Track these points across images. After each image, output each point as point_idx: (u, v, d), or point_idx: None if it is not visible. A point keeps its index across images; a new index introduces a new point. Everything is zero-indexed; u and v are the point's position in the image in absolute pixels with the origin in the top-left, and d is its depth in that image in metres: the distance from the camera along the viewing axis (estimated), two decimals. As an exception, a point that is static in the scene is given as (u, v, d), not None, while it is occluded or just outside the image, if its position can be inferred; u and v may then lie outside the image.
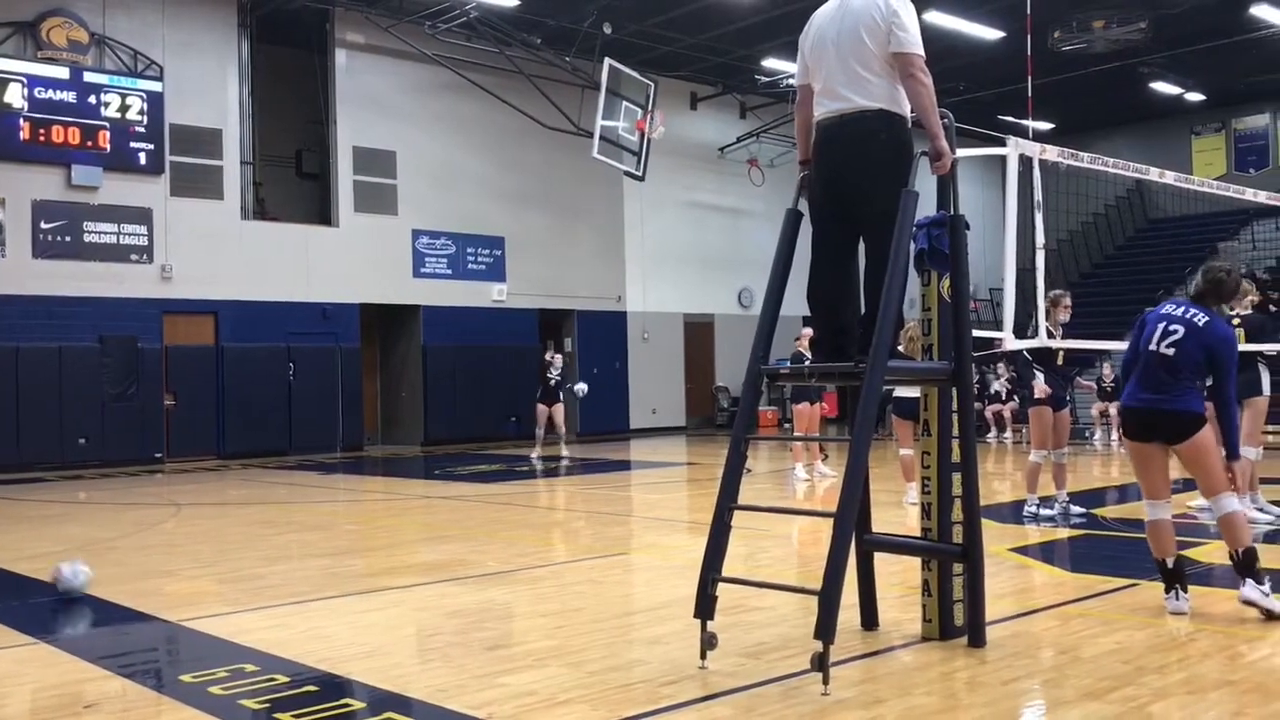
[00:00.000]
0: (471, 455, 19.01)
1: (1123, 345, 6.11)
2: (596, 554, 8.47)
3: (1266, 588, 5.53)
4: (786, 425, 23.42)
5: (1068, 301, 9.31)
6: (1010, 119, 23.94)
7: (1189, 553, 7.69)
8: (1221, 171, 27.80)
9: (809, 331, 11.44)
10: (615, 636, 5.59)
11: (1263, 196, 10.57)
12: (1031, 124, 18.60)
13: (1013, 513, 10.18)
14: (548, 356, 18.30)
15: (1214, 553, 7.84)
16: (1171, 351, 5.65)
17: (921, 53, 4.89)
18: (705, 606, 4.79)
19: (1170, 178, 7.85)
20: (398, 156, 20.76)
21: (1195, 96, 27.24)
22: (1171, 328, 5.71)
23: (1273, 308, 22.28)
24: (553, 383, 17.90)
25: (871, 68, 4.91)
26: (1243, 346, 8.54)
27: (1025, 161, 6.23)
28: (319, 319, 19.81)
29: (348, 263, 20.09)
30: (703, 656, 4.80)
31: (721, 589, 4.94)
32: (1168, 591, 5.70)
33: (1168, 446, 5.72)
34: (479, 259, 21.84)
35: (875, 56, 4.90)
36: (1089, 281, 28.53)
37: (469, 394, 21.05)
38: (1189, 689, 4.38)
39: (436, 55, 19.98)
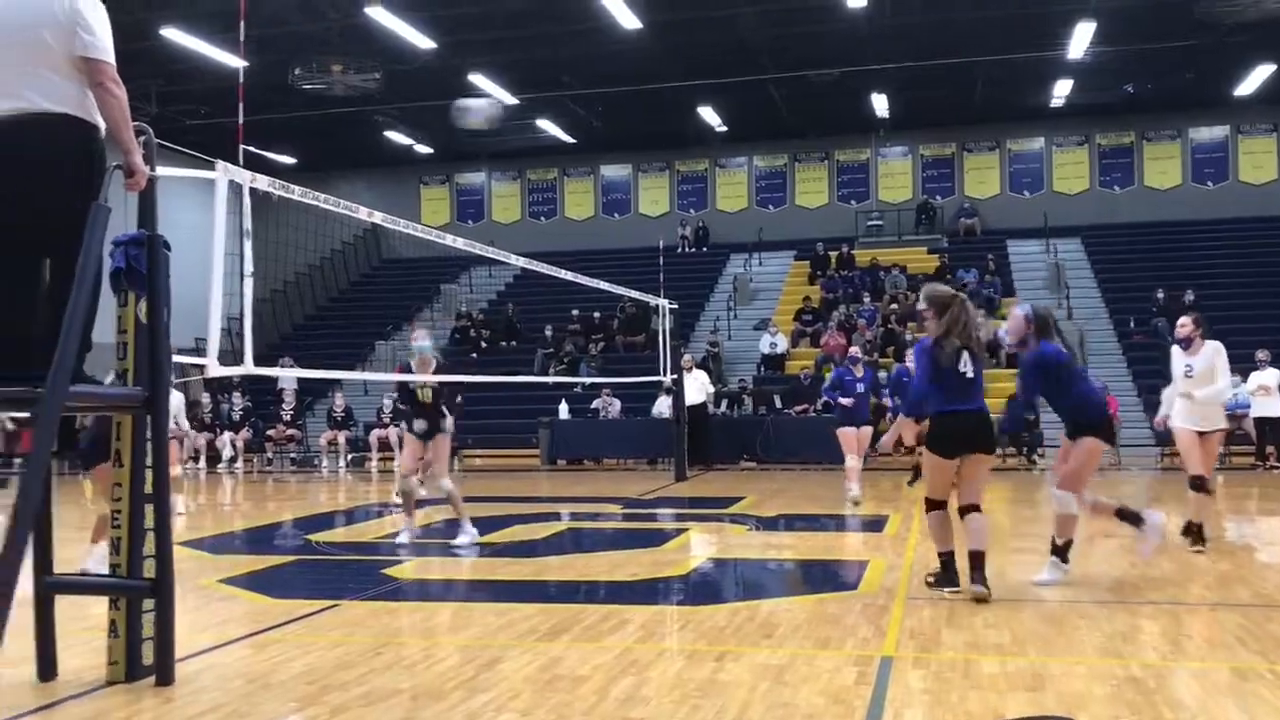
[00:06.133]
0: None
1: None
2: None
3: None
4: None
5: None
6: (253, 149, 23.93)
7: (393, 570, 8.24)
8: (445, 220, 30.55)
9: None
10: None
11: (475, 247, 11.70)
12: (256, 152, 18.72)
13: (235, 543, 10.07)
14: None
15: (413, 569, 8.49)
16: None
17: (111, 60, 4.61)
18: None
19: (379, 218, 8.37)
20: None
21: (425, 149, 29.62)
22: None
23: (485, 344, 24.96)
24: None
25: (54, 68, 4.52)
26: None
27: (238, 188, 6.20)
28: None
29: None
30: None
31: None
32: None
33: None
34: None
35: (58, 56, 4.51)
36: (327, 315, 29.51)
37: None
38: (365, 702, 4.63)
39: None
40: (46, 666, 4.99)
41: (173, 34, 19.13)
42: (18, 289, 4.69)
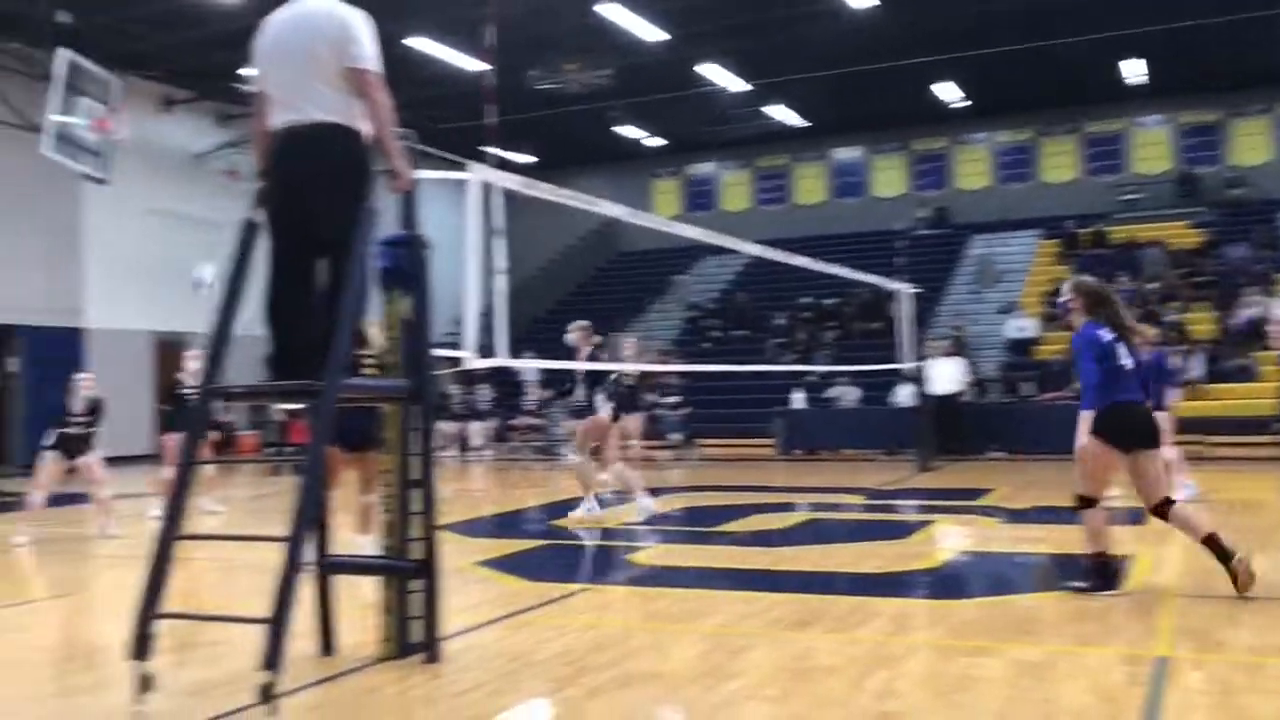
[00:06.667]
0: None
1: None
2: (29, 599, 7.55)
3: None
4: (269, 449, 22.48)
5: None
6: (494, 150, 24.86)
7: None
8: (676, 211, 30.83)
9: None
10: (39, 688, 4.99)
11: (711, 236, 11.73)
12: (498, 153, 19.38)
13: (487, 527, 10.52)
14: (190, 364, 11.98)
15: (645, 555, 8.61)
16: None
17: (378, 70, 4.89)
18: (141, 646, 4.41)
19: (620, 211, 8.52)
20: None
21: (656, 141, 30.01)
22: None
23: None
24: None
25: (327, 80, 4.83)
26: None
27: (487, 188, 6.44)
28: None
29: None
30: (138, 700, 4.40)
31: (173, 626, 4.56)
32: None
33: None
34: (-104, 264, 18.72)
35: (330, 69, 4.82)
36: (565, 308, 30.35)
37: (-119, 421, 17.94)
38: (620, 684, 4.73)
39: None
40: (327, 641, 5.35)
41: (417, 42, 20.14)
42: (296, 289, 5.04)
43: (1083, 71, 23.76)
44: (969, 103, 26.46)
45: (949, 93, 25.68)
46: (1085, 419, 6.45)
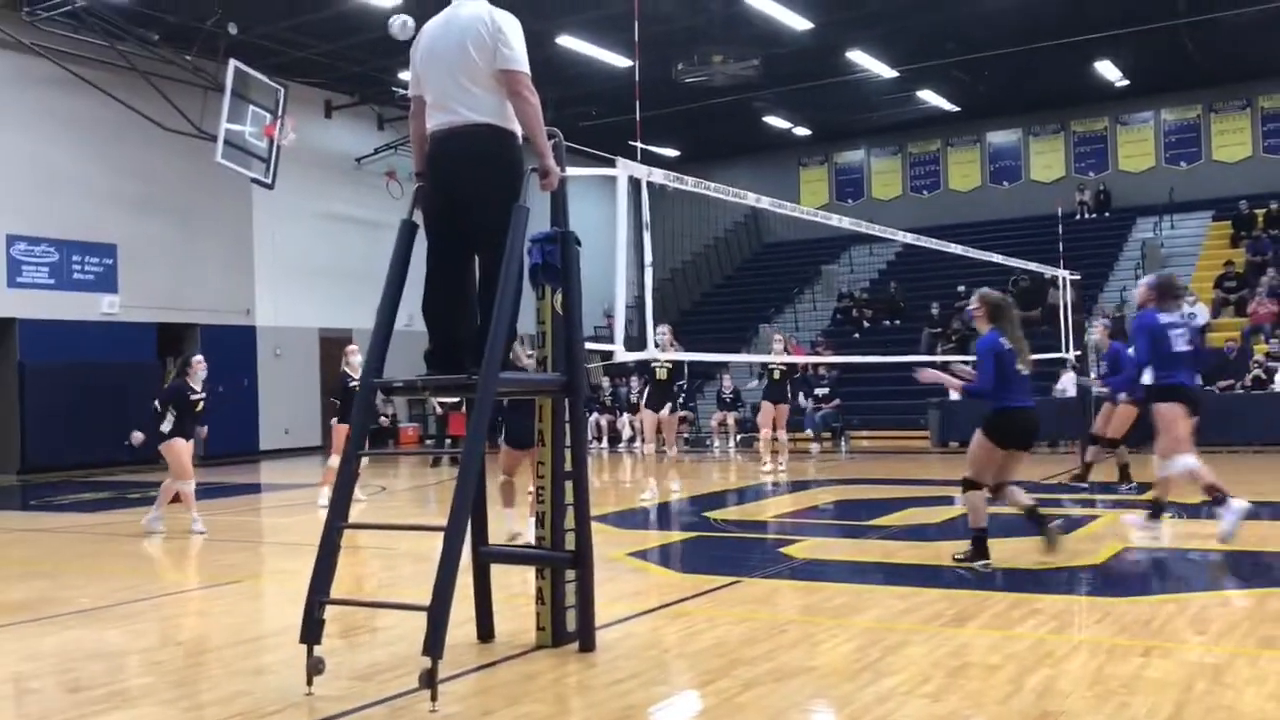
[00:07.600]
0: (77, 483, 17.35)
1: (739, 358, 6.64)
2: (207, 584, 7.97)
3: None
4: (429, 441, 23.17)
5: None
6: (639, 145, 25.02)
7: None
8: (824, 201, 30.46)
9: None
10: (217, 669, 5.26)
11: (862, 225, 11.56)
12: (642, 147, 19.42)
13: (637, 519, 10.60)
14: (349, 357, 12.53)
15: (813, 549, 8.54)
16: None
17: (527, 70, 4.97)
18: (311, 631, 4.60)
19: (766, 203, 8.47)
20: (-14, 154, 18.67)
21: (802, 131, 29.69)
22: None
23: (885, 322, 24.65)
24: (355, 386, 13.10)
25: (479, 82, 4.94)
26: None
27: (635, 183, 6.49)
28: (-112, 333, 17.38)
29: (-75, 270, 17.79)
30: (309, 682, 4.60)
31: (340, 611, 4.73)
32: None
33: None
34: (87, 268, 19.99)
35: (482, 71, 4.93)
36: (711, 300, 30.35)
37: (76, 416, 19.17)
38: (775, 677, 4.71)
39: (35, 45, 18.13)
40: (485, 629, 5.49)
41: (567, 41, 20.40)
42: (453, 286, 5.18)
43: (1253, 43, 22.46)
44: (1127, 82, 25.33)
45: (1110, 71, 24.63)
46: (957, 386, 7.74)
